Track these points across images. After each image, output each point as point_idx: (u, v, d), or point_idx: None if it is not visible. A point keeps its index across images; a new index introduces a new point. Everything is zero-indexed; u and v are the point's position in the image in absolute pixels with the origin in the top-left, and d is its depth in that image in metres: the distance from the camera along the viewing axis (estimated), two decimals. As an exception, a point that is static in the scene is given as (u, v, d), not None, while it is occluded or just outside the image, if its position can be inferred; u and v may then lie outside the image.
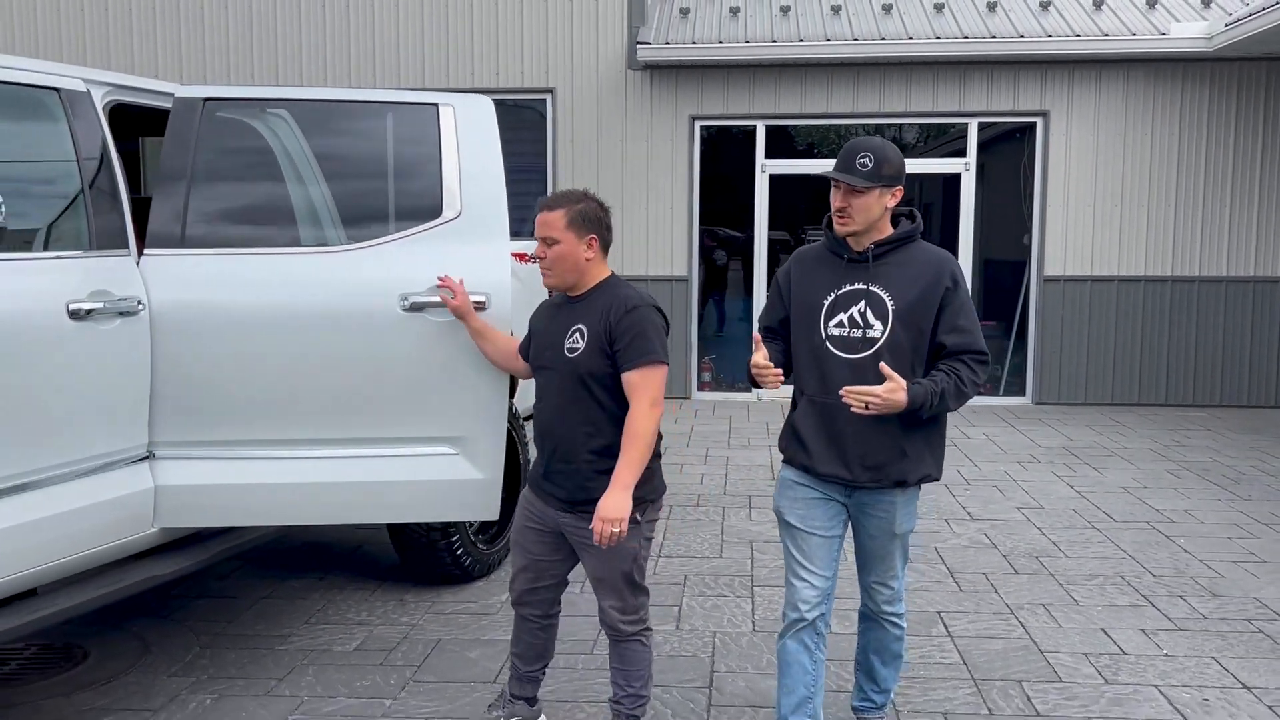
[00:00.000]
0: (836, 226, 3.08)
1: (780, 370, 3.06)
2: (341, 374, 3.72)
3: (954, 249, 10.29)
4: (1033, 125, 10.15)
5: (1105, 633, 4.42)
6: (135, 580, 3.39)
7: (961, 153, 10.20)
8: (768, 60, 9.91)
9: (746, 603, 4.77)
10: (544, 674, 3.46)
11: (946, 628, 4.48)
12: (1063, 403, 10.21)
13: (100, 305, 3.23)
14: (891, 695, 3.51)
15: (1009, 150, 10.35)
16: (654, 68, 10.16)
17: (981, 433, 8.83)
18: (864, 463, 3.05)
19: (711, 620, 4.57)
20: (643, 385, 3.00)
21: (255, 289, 3.65)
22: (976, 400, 10.34)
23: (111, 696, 3.83)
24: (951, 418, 9.52)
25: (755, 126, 10.32)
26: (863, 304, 3.05)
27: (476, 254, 3.87)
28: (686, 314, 10.45)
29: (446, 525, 4.78)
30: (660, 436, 3.12)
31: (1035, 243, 10.23)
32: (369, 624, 4.53)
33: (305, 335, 3.67)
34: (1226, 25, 9.09)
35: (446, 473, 3.89)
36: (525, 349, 3.42)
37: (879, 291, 3.05)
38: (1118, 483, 7.05)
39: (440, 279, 3.71)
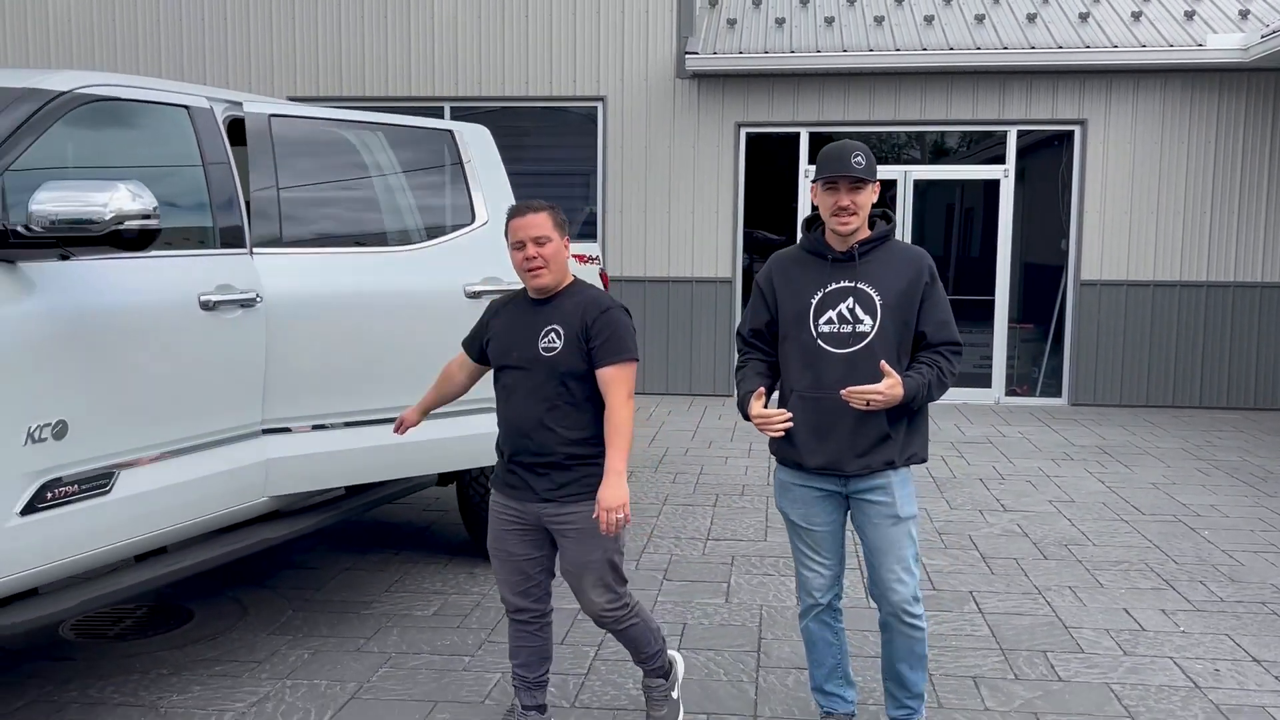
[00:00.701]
0: (838, 226, 3.18)
1: (788, 413, 3.20)
2: (416, 353, 4.33)
3: (993, 253, 10.58)
4: (1071, 133, 10.41)
5: (1127, 612, 4.73)
6: (250, 542, 3.82)
7: (999, 159, 10.48)
8: (812, 69, 10.25)
9: (790, 580, 5.12)
10: (549, 677, 3.44)
11: (978, 605, 4.82)
12: (1098, 404, 10.46)
13: (225, 297, 3.66)
14: (924, 699, 3.45)
15: (1047, 156, 10.61)
16: (702, 76, 10.53)
17: (1018, 431, 9.11)
18: (854, 450, 3.19)
19: (758, 595, 4.93)
20: (619, 380, 3.16)
21: (352, 282, 4.12)
22: (1014, 401, 10.62)
23: (220, 649, 4.26)
24: (990, 417, 9.80)
25: (799, 133, 10.67)
26: (851, 300, 3.20)
27: (481, 256, 4.71)
28: (730, 314, 10.81)
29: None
30: None
31: (1072, 247, 10.49)
32: (444, 593, 4.94)
33: (390, 321, 4.26)
34: (1263, 36, 9.31)
35: (489, 427, 4.56)
36: (476, 348, 3.44)
37: (866, 288, 3.19)
38: (1147, 479, 7.33)
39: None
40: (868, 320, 3.18)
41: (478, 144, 4.93)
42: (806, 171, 10.67)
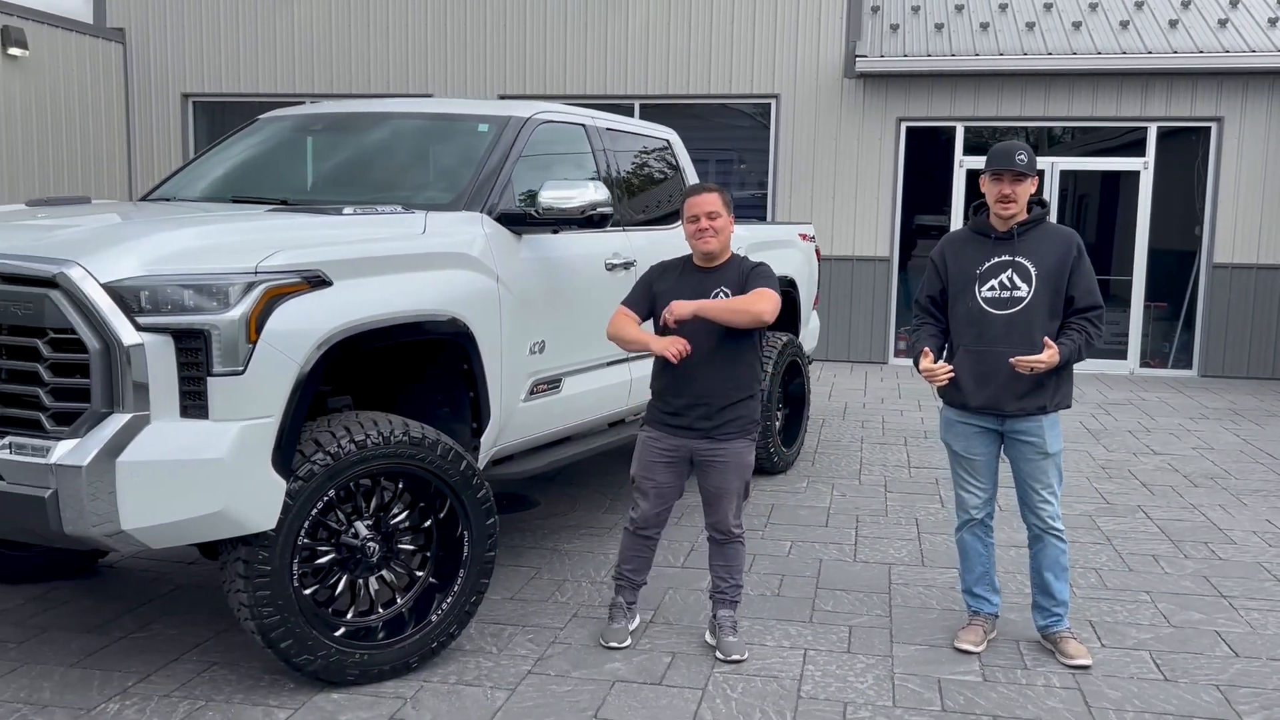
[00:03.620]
0: (1000, 211, 3.91)
1: (950, 366, 3.94)
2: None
3: (1130, 238, 11.66)
4: (1207, 129, 11.43)
5: (1269, 521, 5.97)
6: (623, 437, 5.31)
7: (1129, 149, 11.54)
8: (970, 71, 11.44)
9: (989, 495, 6.46)
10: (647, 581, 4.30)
11: (1146, 514, 6.10)
12: (1226, 375, 11.50)
13: (617, 261, 5.13)
14: (1068, 608, 4.12)
15: (1180, 148, 11.63)
16: (868, 76, 11.80)
17: (1155, 396, 10.25)
18: (1013, 394, 3.90)
19: (966, 503, 6.29)
20: (765, 293, 3.86)
21: (658, 250, 5.56)
22: (1147, 372, 11.72)
23: (573, 522, 5.78)
24: (1127, 385, 10.93)
25: (955, 127, 11.88)
26: (1010, 271, 3.91)
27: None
28: (887, 290, 12.09)
29: (764, 430, 6.60)
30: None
31: (1205, 233, 11.52)
32: (720, 494, 6.40)
33: None
34: (1393, 42, 10.21)
35: None
36: (646, 307, 4.08)
37: (1023, 260, 3.90)
38: (1278, 434, 8.46)
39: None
40: (1024, 287, 3.91)
41: (682, 147, 6.31)
42: (961, 162, 11.88)
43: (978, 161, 11.90)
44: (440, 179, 4.56)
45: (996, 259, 3.97)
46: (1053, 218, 11.78)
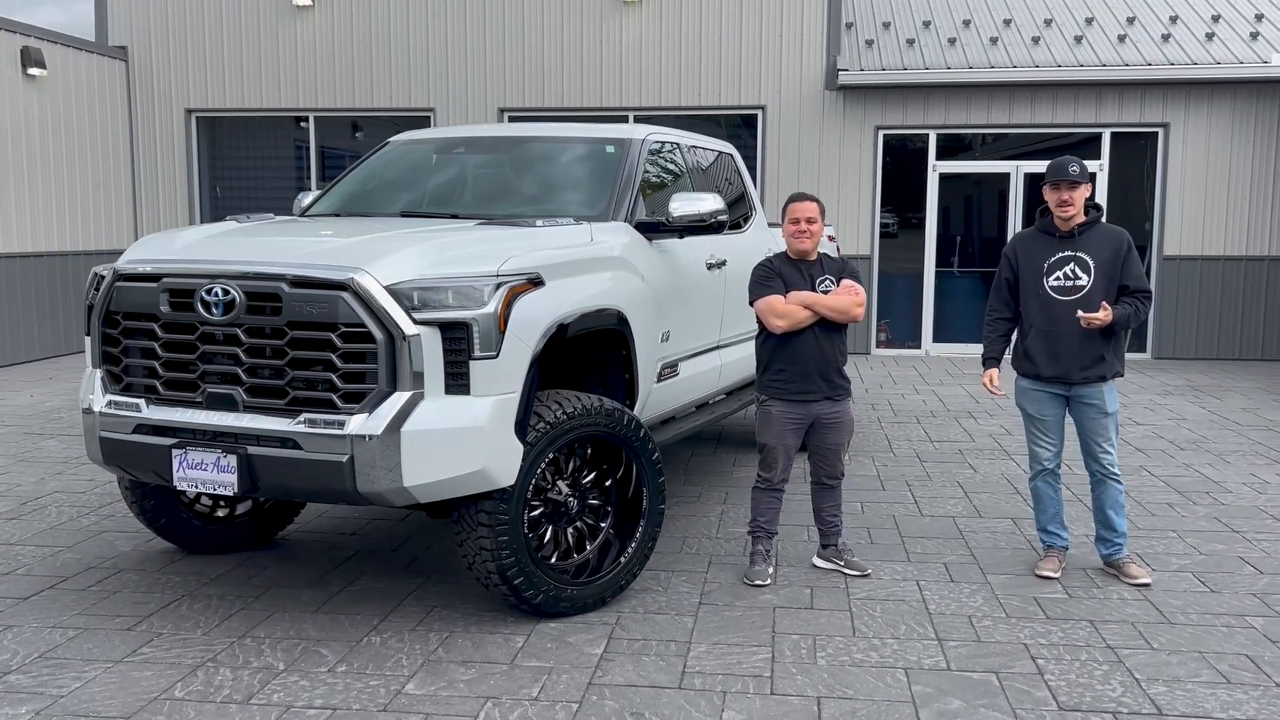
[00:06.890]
0: (1061, 214, 4.74)
1: (1000, 389, 4.97)
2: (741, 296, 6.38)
3: (1089, 234, 12.74)
4: (1155, 134, 12.58)
5: (1254, 474, 6.97)
6: (720, 414, 6.08)
7: (1086, 150, 12.65)
8: (941, 82, 12.43)
9: (1007, 463, 7.36)
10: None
11: (1150, 473, 7.05)
12: (1178, 357, 12.66)
13: (713, 261, 5.89)
14: (1126, 538, 4.99)
15: (1131, 152, 12.76)
16: (848, 88, 12.72)
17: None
18: (1079, 365, 4.78)
19: (996, 468, 7.16)
20: (860, 299, 4.86)
21: (737, 252, 6.29)
22: (1107, 355, 12.83)
23: (676, 487, 6.51)
24: (1092, 367, 12.00)
25: (928, 134, 12.86)
26: (1072, 265, 4.78)
27: (769, 235, 6.72)
28: (869, 286, 13.01)
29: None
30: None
31: (1156, 228, 12.67)
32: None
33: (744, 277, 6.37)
34: (1318, 56, 11.44)
35: None
36: (783, 293, 4.82)
37: (1084, 255, 4.76)
38: (1237, 405, 9.55)
39: None
40: (1085, 278, 4.78)
41: (739, 160, 6.98)
42: (934, 166, 12.87)
43: (949, 165, 12.96)
44: (582, 194, 5.29)
45: (1061, 254, 4.84)
46: (1017, 217, 12.87)
